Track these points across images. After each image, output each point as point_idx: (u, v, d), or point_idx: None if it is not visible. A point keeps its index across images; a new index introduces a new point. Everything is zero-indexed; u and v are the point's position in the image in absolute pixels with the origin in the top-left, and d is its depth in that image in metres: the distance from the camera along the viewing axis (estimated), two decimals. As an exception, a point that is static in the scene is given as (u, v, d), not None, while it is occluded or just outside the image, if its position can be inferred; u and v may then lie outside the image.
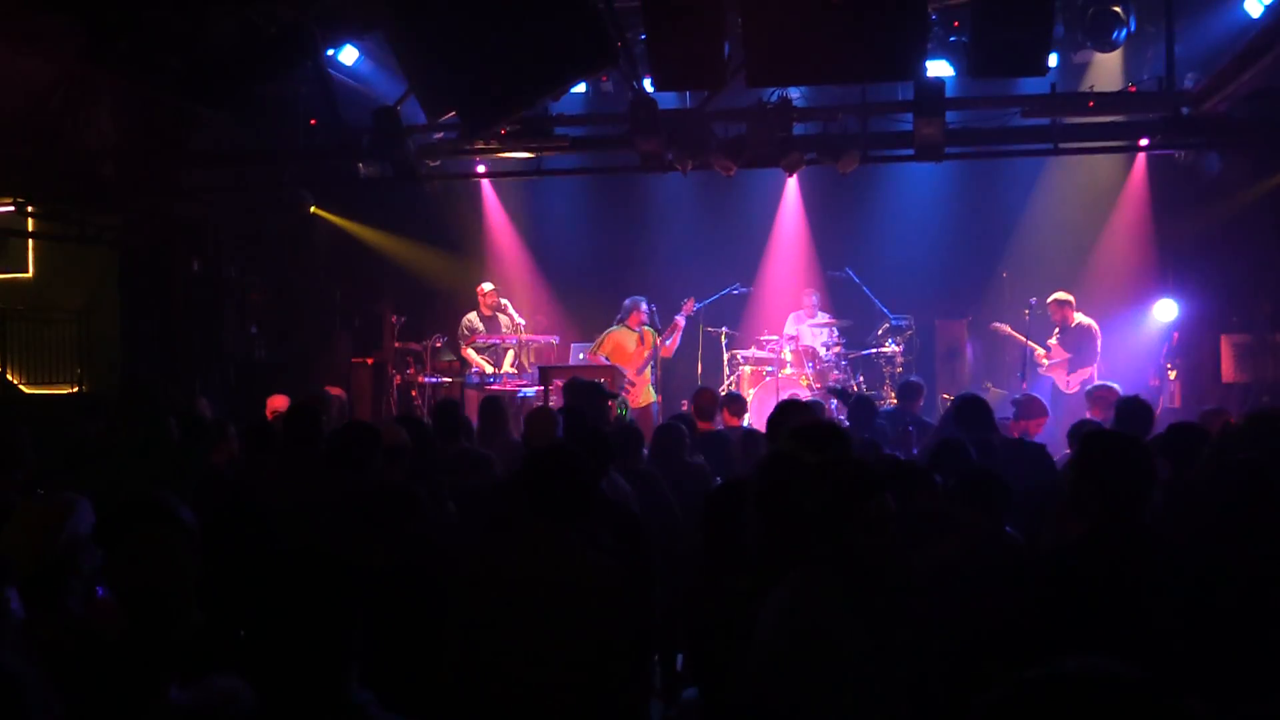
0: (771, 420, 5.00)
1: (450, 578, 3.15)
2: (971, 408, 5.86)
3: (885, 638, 2.41)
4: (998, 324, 10.94)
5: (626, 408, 9.08)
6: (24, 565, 2.64)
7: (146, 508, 2.68)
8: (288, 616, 2.03)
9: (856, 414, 7.39)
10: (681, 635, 3.50)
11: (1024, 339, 10.58)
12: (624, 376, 10.09)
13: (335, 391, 8.93)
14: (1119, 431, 4.01)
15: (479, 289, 11.02)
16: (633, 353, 10.27)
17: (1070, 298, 10.29)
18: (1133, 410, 5.77)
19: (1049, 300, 10.34)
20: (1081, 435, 3.43)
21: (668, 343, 10.48)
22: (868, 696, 2.34)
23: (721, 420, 7.64)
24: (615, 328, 10.41)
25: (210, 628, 2.57)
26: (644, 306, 10.35)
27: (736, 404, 7.92)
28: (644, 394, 10.21)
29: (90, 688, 2.30)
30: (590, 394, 6.59)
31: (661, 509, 5.05)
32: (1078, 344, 10.14)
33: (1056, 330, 10.40)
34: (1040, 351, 10.36)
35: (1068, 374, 10.06)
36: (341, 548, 3.64)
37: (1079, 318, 10.22)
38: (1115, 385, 7.50)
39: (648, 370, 10.36)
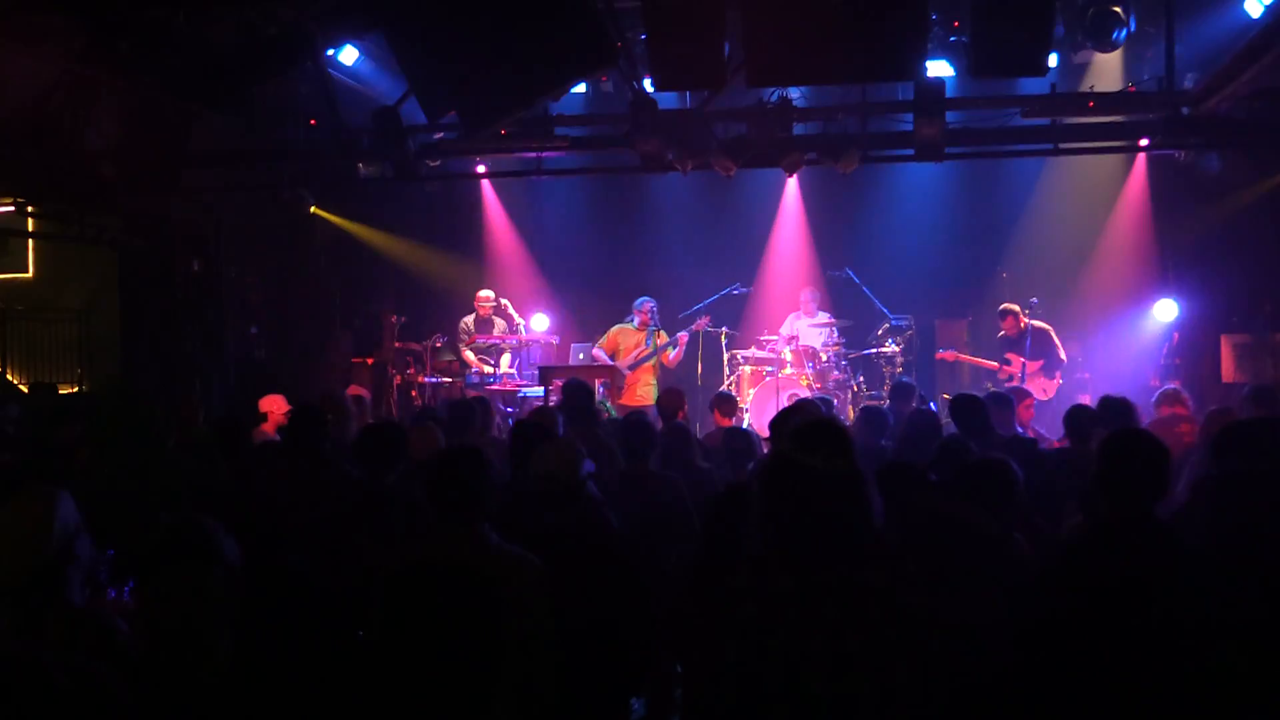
0: (774, 422, 5.01)
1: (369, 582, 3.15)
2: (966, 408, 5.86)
3: None
4: (943, 352, 10.93)
5: (608, 407, 9.10)
6: (21, 565, 2.60)
7: (184, 543, 2.57)
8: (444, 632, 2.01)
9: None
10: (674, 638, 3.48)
11: (973, 359, 10.64)
12: (623, 377, 10.11)
13: (358, 391, 8.85)
14: (1139, 429, 4.02)
15: (476, 295, 11.05)
16: (628, 347, 10.34)
17: (1015, 307, 10.31)
18: (1115, 408, 5.79)
19: (1000, 312, 10.39)
20: (1105, 435, 3.43)
21: (672, 354, 10.53)
22: None
23: (712, 421, 7.61)
24: (622, 324, 10.53)
25: (240, 653, 2.49)
26: (649, 306, 10.43)
27: (728, 404, 7.77)
28: (642, 393, 10.22)
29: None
30: (585, 396, 6.61)
31: (681, 514, 4.99)
32: (1041, 349, 10.14)
33: (1003, 337, 10.37)
34: (999, 366, 10.38)
35: (1046, 380, 10.05)
36: (350, 553, 3.65)
37: (1028, 323, 10.23)
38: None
39: (646, 370, 10.37)
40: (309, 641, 2.81)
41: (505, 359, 10.92)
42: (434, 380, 11.21)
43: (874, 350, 11.16)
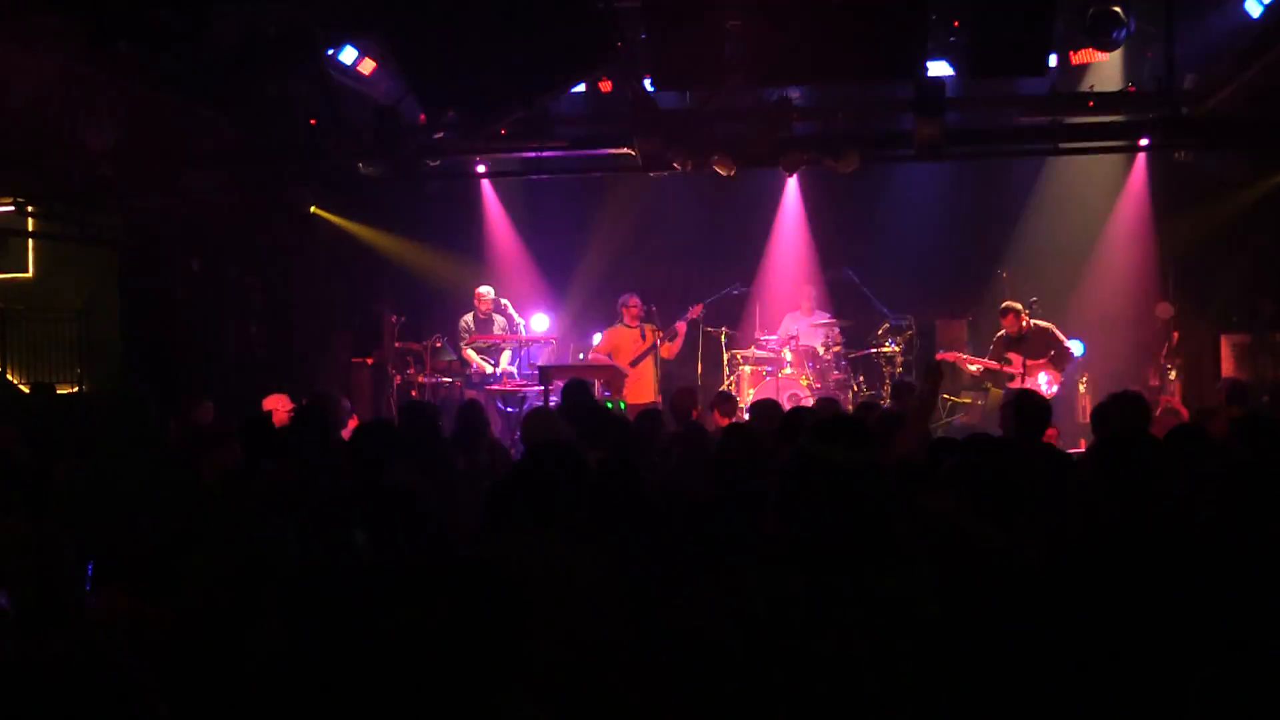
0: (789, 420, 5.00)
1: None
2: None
3: None
4: (943, 354, 10.64)
5: (617, 405, 9.08)
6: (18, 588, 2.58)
7: (204, 531, 2.53)
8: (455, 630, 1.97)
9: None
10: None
11: (976, 360, 10.57)
12: (624, 376, 10.10)
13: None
14: (1143, 430, 4.00)
15: (476, 292, 11.05)
16: (629, 349, 10.31)
17: (1017, 305, 10.14)
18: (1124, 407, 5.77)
19: (1001, 310, 10.22)
20: (1103, 436, 3.42)
21: (669, 344, 10.50)
22: None
23: (712, 420, 7.60)
24: (614, 326, 10.51)
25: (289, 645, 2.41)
26: (634, 300, 10.39)
27: (728, 404, 7.75)
28: (644, 392, 10.22)
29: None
30: (584, 393, 6.60)
31: None
32: (1048, 345, 10.05)
33: (1002, 337, 10.21)
34: (1000, 366, 10.26)
35: (1055, 374, 9.99)
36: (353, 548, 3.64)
37: (1030, 322, 10.11)
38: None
39: (647, 365, 10.36)
40: (351, 631, 2.80)
41: (505, 357, 10.93)
42: (434, 380, 11.21)
43: (874, 350, 11.15)
